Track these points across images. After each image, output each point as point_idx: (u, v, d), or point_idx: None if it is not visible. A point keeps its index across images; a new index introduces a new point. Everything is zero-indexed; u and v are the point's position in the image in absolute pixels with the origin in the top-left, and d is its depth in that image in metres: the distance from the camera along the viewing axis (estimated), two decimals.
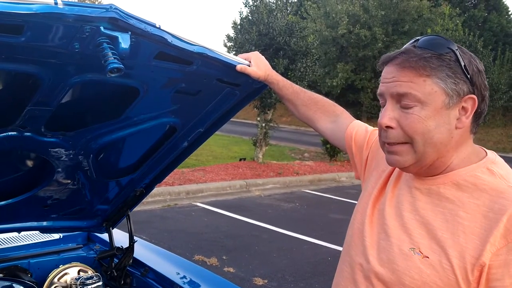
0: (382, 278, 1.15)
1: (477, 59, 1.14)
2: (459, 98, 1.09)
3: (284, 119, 25.36)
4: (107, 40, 1.25)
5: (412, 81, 1.09)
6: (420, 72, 1.09)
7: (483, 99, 1.12)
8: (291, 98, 1.76)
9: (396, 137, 1.14)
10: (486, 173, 1.11)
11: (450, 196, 1.12)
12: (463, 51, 1.12)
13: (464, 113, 1.11)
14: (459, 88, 1.09)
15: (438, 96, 1.09)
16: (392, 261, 1.14)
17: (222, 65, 1.60)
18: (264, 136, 12.27)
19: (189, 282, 2.28)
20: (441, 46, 1.10)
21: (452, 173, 1.13)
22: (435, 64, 1.08)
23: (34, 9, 1.11)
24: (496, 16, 28.09)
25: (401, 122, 1.12)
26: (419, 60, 1.09)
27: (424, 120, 1.09)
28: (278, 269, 5.27)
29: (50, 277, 2.25)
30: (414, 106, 1.10)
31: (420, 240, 1.11)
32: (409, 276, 1.10)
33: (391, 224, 1.18)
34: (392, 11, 22.10)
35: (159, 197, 8.09)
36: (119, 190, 2.29)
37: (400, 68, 1.12)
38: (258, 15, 11.77)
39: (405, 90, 1.10)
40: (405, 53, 1.12)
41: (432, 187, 1.15)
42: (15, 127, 1.64)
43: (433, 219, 1.11)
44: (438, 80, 1.08)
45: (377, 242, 1.20)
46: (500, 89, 13.99)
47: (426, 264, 1.08)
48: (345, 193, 10.18)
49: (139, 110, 1.78)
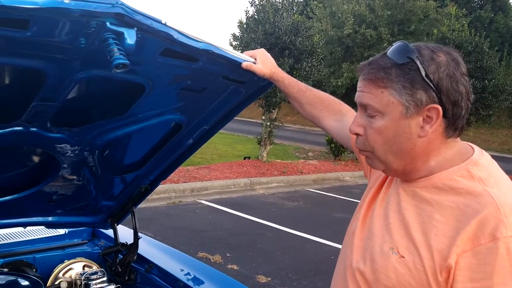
0: (365, 276, 1.18)
1: (453, 63, 1.11)
2: (418, 108, 1.09)
3: (289, 118, 25.33)
4: (113, 36, 1.25)
5: (371, 93, 1.13)
6: (377, 84, 1.12)
7: (455, 103, 1.10)
8: (297, 96, 1.75)
9: (363, 145, 1.20)
10: (466, 176, 1.10)
11: (429, 199, 1.13)
12: (431, 58, 1.09)
13: (428, 122, 1.11)
14: (416, 98, 1.09)
15: (395, 107, 1.10)
16: (373, 260, 1.16)
17: (228, 62, 1.59)
18: (269, 135, 12.27)
19: (192, 278, 2.28)
20: (402, 56, 1.10)
21: (433, 177, 1.14)
22: (393, 74, 1.10)
23: (40, 4, 1.11)
24: (503, 17, 27.94)
25: (366, 130, 1.17)
26: (378, 72, 1.12)
27: (383, 130, 1.13)
28: (281, 267, 5.27)
29: (55, 272, 2.26)
30: (376, 115, 1.14)
31: (399, 240, 1.13)
32: (386, 275, 1.12)
33: (378, 224, 1.20)
34: (398, 11, 22.02)
35: (164, 194, 8.11)
36: (124, 186, 2.29)
37: (363, 80, 1.16)
38: (264, 14, 11.76)
39: (366, 101, 1.14)
40: (370, 64, 1.15)
41: (416, 189, 1.16)
42: (21, 122, 1.65)
43: (412, 220, 1.13)
44: (393, 91, 1.10)
45: (364, 241, 1.23)
46: (506, 90, 13.88)
47: (401, 264, 1.10)
48: (349, 193, 10.16)
49: (145, 107, 1.78)
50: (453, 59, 1.11)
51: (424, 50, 1.11)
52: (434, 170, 1.15)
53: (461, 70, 1.11)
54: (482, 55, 13.36)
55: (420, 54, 1.10)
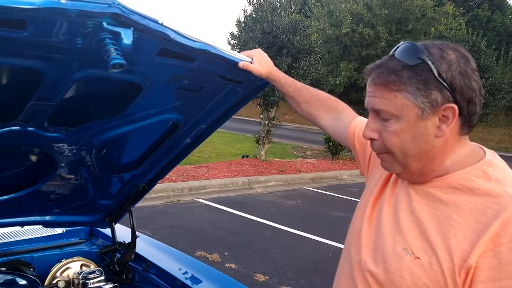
0: (376, 278, 1.16)
1: (463, 59, 1.10)
2: (434, 109, 1.08)
3: (287, 117, 25.34)
4: (110, 36, 1.25)
5: (384, 97, 1.11)
6: (390, 87, 1.10)
7: (469, 101, 1.09)
8: (294, 95, 1.76)
9: (379, 148, 1.18)
10: (482, 176, 1.10)
11: (444, 199, 1.12)
12: (440, 56, 1.08)
13: (444, 122, 1.10)
14: (431, 99, 1.07)
15: (411, 110, 1.09)
16: (386, 261, 1.15)
17: (225, 62, 1.60)
18: (267, 133, 12.27)
19: (190, 277, 2.29)
20: (412, 57, 1.09)
21: (447, 176, 1.13)
22: (405, 77, 1.08)
23: (37, 4, 1.11)
24: (500, 16, 27.95)
25: (382, 134, 1.15)
26: (389, 75, 1.10)
27: (399, 134, 1.12)
28: (279, 265, 5.28)
29: (53, 271, 2.26)
30: (390, 119, 1.12)
31: (414, 241, 1.12)
32: (400, 276, 1.11)
33: (387, 224, 1.19)
34: (396, 10, 22.00)
35: (162, 193, 8.11)
36: (121, 185, 2.30)
37: (373, 84, 1.14)
38: (262, 13, 11.75)
39: (379, 106, 1.13)
40: (378, 67, 1.13)
41: (429, 189, 1.15)
42: (18, 122, 1.65)
43: (427, 220, 1.12)
44: (407, 94, 1.08)
45: (373, 241, 1.21)
46: (503, 89, 13.91)
47: (417, 265, 1.09)
48: (347, 191, 10.18)
49: (142, 106, 1.78)
50: (462, 56, 1.10)
51: (433, 49, 1.09)
52: (449, 170, 1.14)
53: (471, 66, 1.11)
54: (480, 53, 13.38)
55: (430, 53, 1.08)
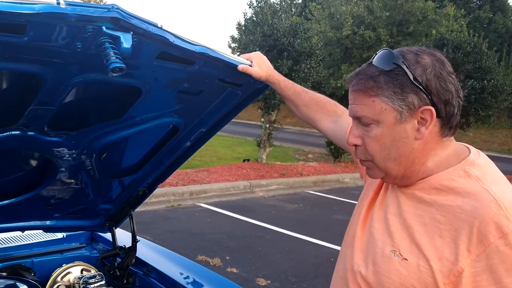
0: (367, 280, 1.18)
1: (438, 63, 1.12)
2: (411, 112, 1.10)
3: (288, 120, 25.33)
4: (109, 40, 1.26)
5: (363, 103, 1.14)
6: (368, 93, 1.13)
7: (446, 102, 1.11)
8: (293, 98, 1.76)
9: (362, 155, 1.21)
10: (463, 175, 1.11)
11: (429, 200, 1.13)
12: (415, 61, 1.11)
13: (423, 124, 1.12)
14: (408, 102, 1.10)
15: (389, 113, 1.12)
16: (375, 263, 1.17)
17: (224, 65, 1.60)
18: (268, 137, 12.26)
19: (192, 282, 2.28)
20: (388, 63, 1.11)
21: (430, 178, 1.15)
22: (382, 82, 1.11)
23: (37, 9, 1.12)
24: (501, 18, 27.99)
25: (364, 140, 1.17)
26: (367, 82, 1.12)
27: (380, 138, 1.14)
28: (281, 269, 5.27)
29: (53, 276, 2.26)
30: (371, 123, 1.14)
31: (401, 242, 1.13)
32: (388, 278, 1.12)
33: (378, 227, 1.21)
34: (397, 12, 22.04)
35: (163, 197, 8.10)
36: (122, 189, 2.30)
37: (353, 91, 1.17)
38: (263, 16, 11.78)
39: (360, 113, 1.16)
40: (357, 74, 1.16)
41: (415, 191, 1.17)
42: (18, 127, 1.65)
43: (414, 222, 1.13)
44: (385, 98, 1.11)
45: (365, 244, 1.23)
46: (505, 91, 13.87)
47: (404, 266, 1.10)
48: (349, 194, 10.15)
49: (142, 110, 1.79)
50: (437, 60, 1.13)
51: (408, 54, 1.12)
52: (431, 171, 1.15)
53: (447, 69, 1.13)
54: (481, 55, 13.35)
55: (405, 58, 1.11)
